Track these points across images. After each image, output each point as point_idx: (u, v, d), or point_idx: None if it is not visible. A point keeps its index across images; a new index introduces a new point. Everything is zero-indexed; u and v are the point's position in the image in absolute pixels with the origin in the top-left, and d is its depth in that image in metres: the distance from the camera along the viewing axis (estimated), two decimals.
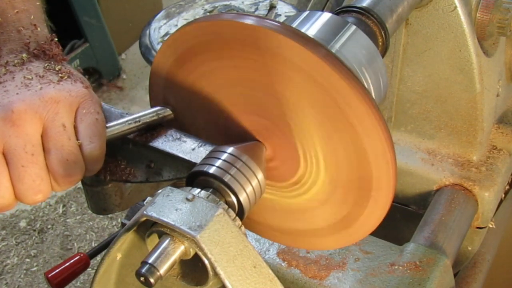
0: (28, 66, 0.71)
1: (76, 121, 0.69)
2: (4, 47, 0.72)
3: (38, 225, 2.56)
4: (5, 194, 0.65)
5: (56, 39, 0.76)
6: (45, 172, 0.66)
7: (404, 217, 1.15)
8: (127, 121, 0.73)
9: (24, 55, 0.72)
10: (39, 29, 0.76)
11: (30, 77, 0.69)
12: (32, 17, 0.76)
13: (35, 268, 2.41)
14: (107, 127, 0.72)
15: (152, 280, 0.56)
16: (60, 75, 0.71)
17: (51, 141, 0.66)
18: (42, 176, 0.66)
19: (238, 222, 0.62)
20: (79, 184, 0.75)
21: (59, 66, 0.72)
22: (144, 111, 0.74)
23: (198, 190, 0.63)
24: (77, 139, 0.68)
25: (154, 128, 0.74)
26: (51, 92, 0.68)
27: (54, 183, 0.68)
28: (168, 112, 0.75)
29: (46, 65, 0.71)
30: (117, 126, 0.72)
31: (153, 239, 0.61)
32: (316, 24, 0.76)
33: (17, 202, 0.67)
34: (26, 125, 0.65)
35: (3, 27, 0.74)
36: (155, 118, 0.74)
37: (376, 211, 0.69)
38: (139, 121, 0.73)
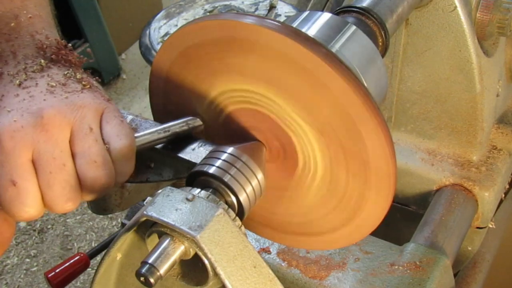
0: (49, 72, 0.70)
1: (102, 124, 0.68)
2: (19, 52, 0.71)
3: (38, 225, 2.56)
4: (34, 202, 0.63)
5: (71, 45, 0.76)
6: (74, 179, 0.65)
7: (404, 217, 1.16)
8: (156, 130, 0.71)
9: (41, 60, 0.71)
10: (52, 34, 0.76)
11: (54, 84, 0.68)
12: (45, 22, 0.76)
13: (35, 268, 2.41)
14: (135, 137, 0.70)
15: (152, 280, 0.56)
16: (83, 83, 0.70)
17: (78, 144, 0.65)
18: (71, 183, 0.64)
19: (238, 222, 0.62)
20: None
21: (80, 75, 0.71)
22: (174, 121, 0.72)
23: (198, 190, 0.63)
24: (104, 142, 0.66)
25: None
26: (76, 99, 0.67)
27: (84, 189, 0.66)
28: (198, 122, 0.73)
29: (66, 72, 0.70)
30: (146, 136, 0.71)
31: (153, 239, 0.61)
32: (316, 24, 0.76)
33: (45, 210, 0.65)
34: (55, 130, 0.64)
35: (17, 32, 0.73)
36: (185, 128, 0.72)
37: (376, 211, 0.69)
38: (169, 130, 0.71)
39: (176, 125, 0.72)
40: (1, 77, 0.69)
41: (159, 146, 0.72)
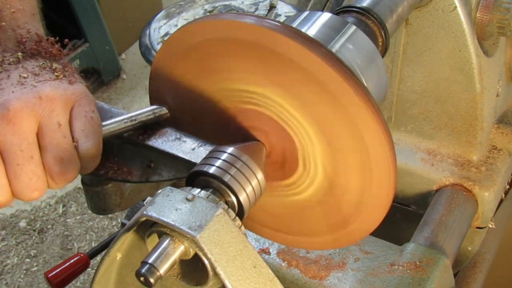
0: (24, 64, 0.71)
1: (72, 119, 0.69)
2: (0, 46, 0.72)
3: (38, 225, 2.56)
4: (2, 191, 0.65)
5: (53, 38, 0.76)
6: (41, 170, 0.67)
7: (404, 217, 1.15)
8: (123, 119, 0.73)
9: (19, 53, 0.72)
10: (34, 28, 0.76)
11: (26, 75, 0.69)
12: (28, 16, 0.77)
13: (35, 268, 2.41)
14: (103, 126, 0.72)
15: (152, 280, 0.56)
16: (56, 73, 0.71)
17: (46, 139, 0.67)
18: (38, 174, 0.66)
19: (238, 222, 0.62)
20: (79, 184, 0.75)
21: (55, 65, 0.72)
22: (140, 110, 0.74)
23: (198, 190, 0.63)
24: (73, 137, 0.68)
25: (150, 127, 0.74)
26: (46, 90, 0.68)
27: (50, 180, 0.68)
28: (164, 111, 0.75)
29: (41, 63, 0.71)
30: (113, 124, 0.72)
31: (153, 239, 0.61)
32: (316, 24, 0.76)
33: (14, 199, 0.67)
34: (22, 123, 0.65)
35: None
36: (151, 117, 0.74)
37: (376, 211, 0.69)
38: (135, 119, 0.73)
39: (142, 114, 0.73)
40: None
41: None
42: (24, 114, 0.65)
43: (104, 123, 0.72)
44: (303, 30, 0.75)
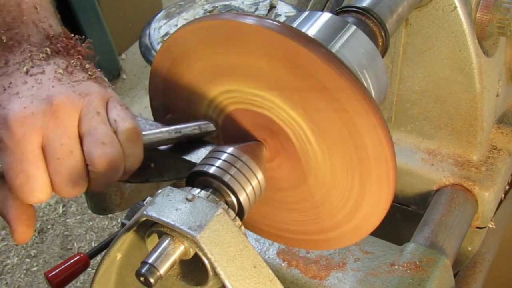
0: (54, 60, 0.70)
1: (108, 110, 0.68)
2: (24, 40, 0.72)
3: (38, 225, 2.56)
4: (42, 187, 0.64)
5: (79, 35, 0.77)
6: (81, 165, 0.65)
7: (404, 217, 1.15)
8: (167, 130, 0.71)
9: (47, 49, 0.71)
10: (54, 23, 0.76)
11: (61, 72, 0.69)
12: (47, 11, 0.77)
13: (35, 268, 2.41)
14: (146, 134, 0.70)
15: (152, 280, 0.56)
16: (89, 73, 0.71)
17: (85, 125, 0.66)
18: (78, 169, 0.65)
19: (238, 222, 0.62)
20: None
21: (86, 65, 0.72)
22: (186, 123, 0.72)
23: (198, 190, 0.63)
24: (111, 124, 0.67)
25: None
26: (83, 87, 0.68)
27: (91, 173, 0.66)
28: (211, 127, 0.73)
29: (72, 61, 0.71)
30: (156, 134, 0.71)
31: (153, 239, 0.61)
32: (316, 24, 0.76)
33: (53, 194, 0.66)
34: (65, 116, 0.65)
35: (20, 20, 0.74)
36: (196, 131, 0.72)
37: (376, 211, 0.69)
38: (180, 132, 0.71)
39: (188, 128, 0.72)
40: (7, 65, 0.69)
41: (165, 147, 0.72)
42: (66, 108, 0.65)
43: (147, 132, 0.70)
44: (303, 30, 0.75)
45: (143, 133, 0.70)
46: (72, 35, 0.76)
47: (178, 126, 0.72)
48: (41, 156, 0.64)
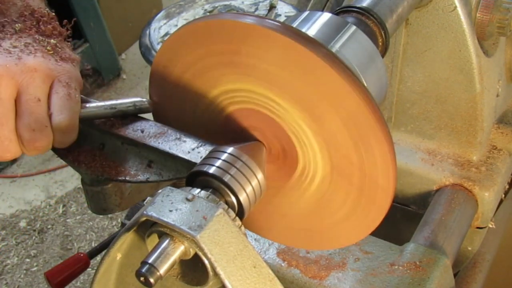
0: (20, 35, 0.74)
1: (51, 92, 0.72)
2: (3, 17, 0.75)
3: (38, 225, 2.56)
4: None
5: (54, 15, 0.79)
6: (13, 135, 0.70)
7: (404, 217, 1.16)
8: (103, 105, 0.76)
9: (17, 25, 0.75)
10: (36, 4, 0.79)
11: (16, 45, 0.72)
12: None
13: (35, 268, 2.41)
14: (83, 108, 0.74)
15: (152, 280, 0.56)
16: (47, 48, 0.74)
17: (22, 107, 0.69)
18: (10, 138, 0.69)
19: (238, 222, 0.62)
20: (79, 184, 0.76)
21: (53, 41, 0.75)
22: (122, 99, 0.77)
23: (198, 190, 0.63)
24: (49, 109, 0.71)
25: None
26: (29, 61, 0.71)
27: (22, 146, 0.71)
28: (145, 104, 0.77)
29: (37, 37, 0.74)
30: (93, 109, 0.75)
31: (153, 239, 0.61)
32: (316, 24, 0.76)
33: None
34: (1, 88, 0.68)
35: (5, 2, 0.78)
36: (131, 108, 0.76)
37: (376, 211, 0.69)
38: (115, 108, 0.76)
39: (123, 104, 0.76)
40: None
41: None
42: (4, 81, 0.68)
43: (84, 105, 0.75)
44: (303, 30, 0.75)
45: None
46: (51, 17, 0.79)
47: (114, 102, 0.76)
48: None
